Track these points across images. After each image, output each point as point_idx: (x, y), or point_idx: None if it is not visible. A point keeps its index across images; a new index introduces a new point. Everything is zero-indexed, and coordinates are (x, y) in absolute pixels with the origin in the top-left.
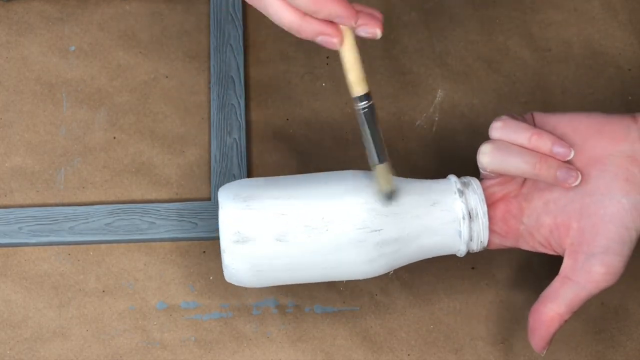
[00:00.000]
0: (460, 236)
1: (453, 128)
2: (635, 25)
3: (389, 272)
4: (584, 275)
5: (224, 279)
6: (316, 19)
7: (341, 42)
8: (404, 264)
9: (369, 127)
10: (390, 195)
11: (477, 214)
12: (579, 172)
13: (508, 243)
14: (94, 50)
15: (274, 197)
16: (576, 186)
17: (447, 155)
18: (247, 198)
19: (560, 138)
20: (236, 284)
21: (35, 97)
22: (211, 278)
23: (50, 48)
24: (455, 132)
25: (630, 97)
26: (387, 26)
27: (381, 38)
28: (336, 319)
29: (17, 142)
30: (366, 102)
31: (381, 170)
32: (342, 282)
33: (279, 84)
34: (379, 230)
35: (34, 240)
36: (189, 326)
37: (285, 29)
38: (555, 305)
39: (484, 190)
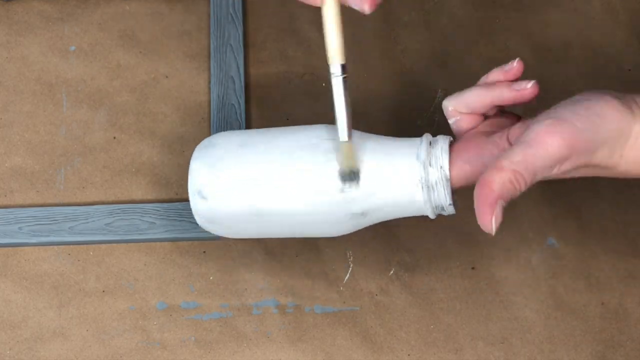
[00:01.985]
0: (417, 158)
1: None
2: (635, 25)
3: (389, 272)
4: (533, 136)
5: (224, 279)
6: None
7: None
8: (375, 222)
9: (341, 100)
10: (351, 176)
11: (436, 183)
12: (533, 80)
13: (475, 171)
14: (94, 50)
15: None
16: (533, 91)
17: None
18: (215, 163)
19: None
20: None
21: (35, 97)
22: (211, 278)
23: (50, 48)
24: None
25: None
26: (387, 26)
27: (381, 38)
28: (336, 319)
29: (17, 142)
30: (342, 73)
31: (346, 147)
32: (342, 282)
33: (279, 84)
34: (348, 202)
35: (34, 240)
36: (189, 326)
37: None
38: (503, 161)
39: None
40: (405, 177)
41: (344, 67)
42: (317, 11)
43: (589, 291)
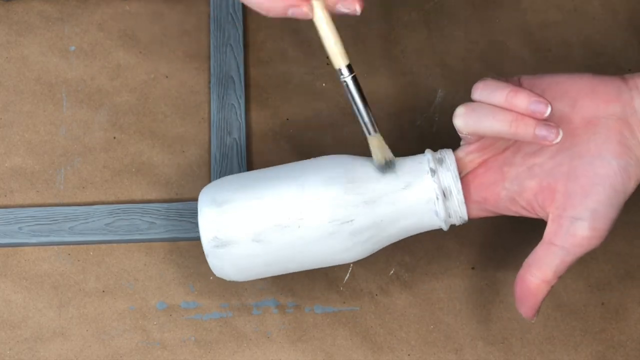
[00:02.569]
0: (437, 215)
1: (453, 128)
2: (635, 25)
3: (389, 272)
4: (569, 239)
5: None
6: None
7: (310, 9)
8: (386, 245)
9: (360, 98)
10: (388, 165)
11: (451, 192)
12: (559, 129)
13: (489, 210)
14: (94, 50)
15: (248, 199)
16: (559, 145)
17: None
18: (223, 202)
19: (542, 96)
20: (226, 279)
21: (35, 97)
22: (211, 278)
23: (50, 48)
24: (455, 132)
25: None
26: (387, 26)
27: (381, 38)
28: (336, 319)
29: (17, 142)
30: (350, 73)
31: (375, 140)
32: (342, 282)
33: (279, 84)
34: (350, 221)
35: (34, 240)
36: (189, 326)
37: (255, 8)
38: (540, 272)
39: (464, 157)
40: (423, 228)
41: (350, 67)
42: None
43: (589, 291)
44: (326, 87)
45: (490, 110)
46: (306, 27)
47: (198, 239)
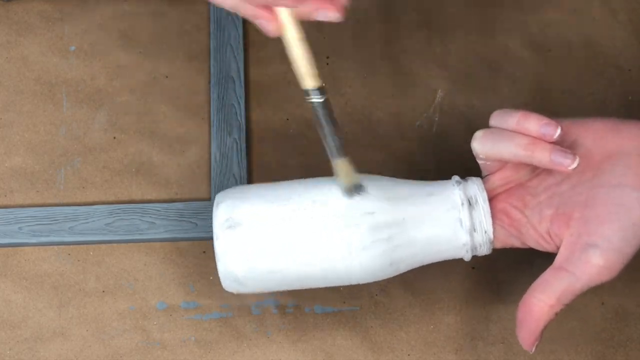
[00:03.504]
0: (461, 224)
1: (453, 128)
2: (635, 25)
3: None
4: (580, 266)
5: None
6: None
7: (277, 28)
8: (407, 266)
9: (325, 122)
10: (355, 189)
11: (476, 200)
12: (576, 156)
13: (513, 238)
14: (94, 50)
15: (265, 188)
16: (580, 176)
17: (447, 155)
18: (237, 225)
19: (573, 143)
20: (228, 275)
21: (35, 97)
22: (211, 278)
23: (50, 48)
24: (455, 132)
25: (630, 97)
26: (387, 26)
27: (381, 38)
28: (336, 319)
29: (17, 142)
30: (319, 96)
31: (341, 165)
32: None
33: (279, 84)
34: (371, 213)
35: (34, 240)
36: (189, 326)
37: (227, 8)
38: (545, 296)
39: (485, 183)
40: (448, 243)
41: (321, 89)
42: None
43: (589, 291)
44: (326, 87)
45: (507, 134)
46: (306, 27)
47: (198, 239)
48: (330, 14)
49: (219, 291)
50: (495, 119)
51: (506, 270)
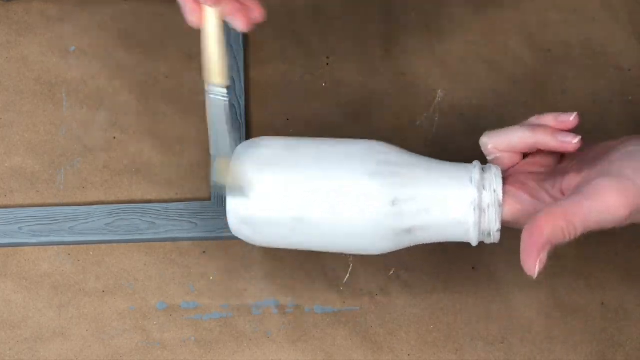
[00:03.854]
0: (471, 181)
1: (453, 128)
2: (635, 25)
3: (389, 272)
4: (591, 190)
5: (224, 278)
6: None
7: (198, 20)
8: (415, 239)
9: (226, 120)
10: (240, 190)
11: (489, 185)
12: (578, 135)
13: (525, 201)
14: (94, 50)
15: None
16: (593, 160)
17: (447, 155)
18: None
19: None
20: (239, 216)
21: (35, 97)
22: (211, 278)
23: (50, 48)
24: (455, 132)
25: (630, 98)
26: (387, 26)
27: (381, 38)
28: (336, 319)
29: (17, 142)
30: (225, 95)
31: (226, 164)
32: (342, 282)
33: (279, 84)
34: (390, 183)
35: (34, 240)
36: (189, 326)
37: None
38: (554, 214)
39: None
40: (457, 198)
41: (227, 88)
42: (317, 11)
43: (589, 291)
44: (326, 87)
45: (514, 126)
46: (306, 27)
47: (198, 239)
48: (237, 24)
49: (219, 291)
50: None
51: (506, 270)
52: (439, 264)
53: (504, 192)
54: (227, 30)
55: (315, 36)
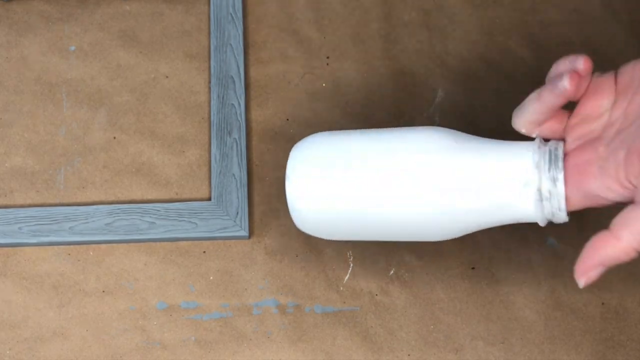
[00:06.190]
0: (533, 189)
1: (453, 128)
2: (635, 25)
3: (389, 272)
4: None
5: (224, 278)
6: None
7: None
8: (476, 225)
9: None
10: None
11: (551, 164)
12: (568, 76)
13: (588, 196)
14: (94, 50)
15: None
16: (638, 110)
17: None
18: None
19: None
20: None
21: (35, 97)
22: (211, 278)
23: (50, 48)
24: None
25: None
26: (387, 26)
27: (381, 38)
28: (336, 319)
29: (17, 142)
30: None
31: None
32: (342, 282)
33: (279, 84)
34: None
35: (34, 240)
36: (189, 326)
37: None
38: (628, 232)
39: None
40: (518, 180)
41: None
42: (317, 11)
43: (589, 291)
44: (326, 87)
45: (523, 102)
46: (306, 27)
47: (198, 239)
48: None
49: (219, 291)
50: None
51: (506, 270)
52: (439, 264)
53: (565, 176)
54: (227, 30)
55: (315, 36)
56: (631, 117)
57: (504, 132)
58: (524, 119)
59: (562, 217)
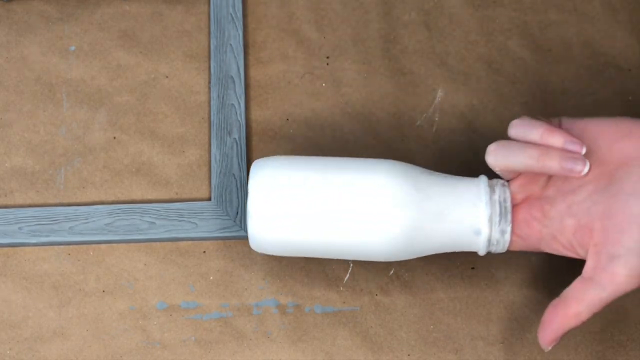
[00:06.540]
0: (481, 220)
1: (453, 128)
2: (635, 25)
3: (389, 272)
4: (607, 277)
5: (224, 278)
6: None
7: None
8: (423, 251)
9: None
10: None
11: (499, 200)
12: (586, 160)
13: (530, 246)
14: (94, 50)
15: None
16: (595, 184)
17: (447, 155)
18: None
19: (582, 140)
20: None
21: (35, 97)
22: (211, 278)
23: (50, 48)
24: (455, 132)
25: (630, 98)
26: (387, 26)
27: (381, 38)
28: (336, 319)
29: (17, 142)
30: None
31: None
32: (342, 282)
33: (279, 84)
34: (401, 197)
35: (34, 240)
36: (189, 326)
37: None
38: (574, 305)
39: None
40: (470, 228)
41: None
42: (317, 11)
43: None
44: (326, 87)
45: (518, 147)
46: (306, 27)
47: (198, 239)
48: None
49: (219, 291)
50: (517, 130)
51: (506, 270)
52: (439, 264)
53: (512, 220)
54: (227, 30)
55: (315, 36)
56: (576, 183)
57: (504, 131)
58: (508, 166)
59: (502, 251)
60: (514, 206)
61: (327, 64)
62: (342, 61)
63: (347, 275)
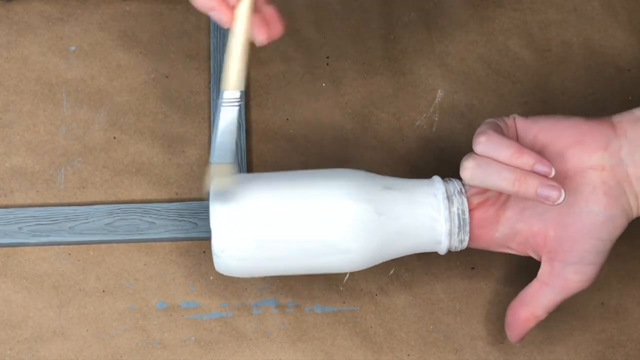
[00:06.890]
0: (440, 221)
1: (453, 128)
2: (635, 25)
3: (389, 272)
4: (560, 282)
5: (224, 278)
6: None
7: (230, 21)
8: (390, 254)
9: (235, 126)
10: (224, 195)
11: (456, 200)
12: (561, 189)
13: (481, 247)
14: (94, 50)
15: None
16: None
17: (447, 155)
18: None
19: (541, 152)
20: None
21: (35, 97)
22: (211, 278)
23: (50, 48)
24: (455, 132)
25: (630, 98)
26: (387, 26)
27: (381, 38)
28: (336, 319)
29: (17, 142)
30: (239, 100)
31: (223, 169)
32: (342, 282)
33: (279, 84)
34: (366, 200)
35: (34, 240)
36: (189, 326)
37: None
38: (532, 307)
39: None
40: (431, 239)
41: (242, 93)
42: (317, 11)
43: (589, 291)
44: (326, 87)
45: (495, 168)
46: (306, 27)
47: (198, 239)
48: (258, 37)
49: (219, 291)
50: (484, 148)
51: (505, 270)
52: (439, 264)
53: (470, 218)
54: (227, 30)
55: (315, 36)
56: None
57: None
58: (484, 186)
59: (462, 244)
60: (470, 211)
61: (327, 64)
62: (342, 61)
63: (347, 275)
